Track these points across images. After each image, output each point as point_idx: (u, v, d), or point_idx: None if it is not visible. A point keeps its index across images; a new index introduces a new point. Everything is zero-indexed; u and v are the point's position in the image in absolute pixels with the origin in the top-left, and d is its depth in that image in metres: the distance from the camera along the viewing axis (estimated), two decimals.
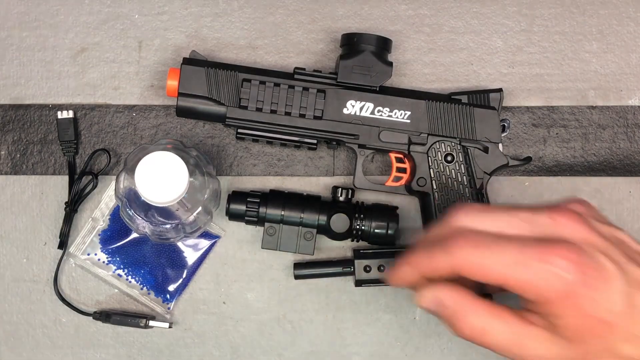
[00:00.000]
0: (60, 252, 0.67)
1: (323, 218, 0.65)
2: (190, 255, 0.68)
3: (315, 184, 0.69)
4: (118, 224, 0.68)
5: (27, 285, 0.68)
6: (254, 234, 0.68)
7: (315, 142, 0.66)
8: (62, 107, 0.69)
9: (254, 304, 0.68)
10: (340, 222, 0.65)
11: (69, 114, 0.68)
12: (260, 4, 0.70)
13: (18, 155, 0.69)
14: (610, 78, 0.70)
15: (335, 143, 0.66)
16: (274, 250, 0.65)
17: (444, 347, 0.68)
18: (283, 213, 0.65)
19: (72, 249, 0.68)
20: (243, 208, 0.65)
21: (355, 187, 0.67)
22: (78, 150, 0.69)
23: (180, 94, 0.65)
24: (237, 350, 0.68)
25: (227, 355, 0.68)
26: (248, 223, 0.66)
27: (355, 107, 0.66)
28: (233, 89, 0.65)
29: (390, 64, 0.66)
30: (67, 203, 0.67)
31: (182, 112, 0.66)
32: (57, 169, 0.69)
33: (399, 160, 0.67)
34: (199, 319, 0.68)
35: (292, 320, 0.69)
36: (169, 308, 0.68)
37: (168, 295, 0.68)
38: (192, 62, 0.66)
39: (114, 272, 0.68)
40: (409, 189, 0.66)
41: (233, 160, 0.69)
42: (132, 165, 0.59)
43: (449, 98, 0.67)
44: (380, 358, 0.68)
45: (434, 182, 0.65)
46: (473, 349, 0.68)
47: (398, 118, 0.66)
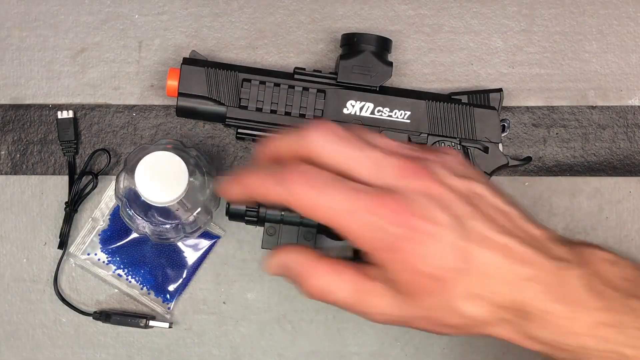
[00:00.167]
0: (60, 252, 0.67)
1: None
2: (190, 255, 0.68)
3: None
4: (118, 224, 0.68)
5: (27, 285, 0.68)
6: (254, 234, 0.68)
7: None
8: (62, 107, 0.69)
9: (254, 304, 0.68)
10: None
11: (69, 114, 0.68)
12: (260, 4, 0.70)
13: (18, 155, 0.69)
14: (610, 78, 0.70)
15: None
16: None
17: (444, 347, 0.68)
18: (283, 213, 0.65)
19: (72, 249, 0.68)
20: (243, 208, 0.65)
21: None
22: (78, 150, 0.69)
23: (180, 94, 0.65)
24: (237, 350, 0.68)
25: (227, 355, 0.68)
26: (248, 223, 0.66)
27: (355, 107, 0.65)
28: (233, 89, 0.65)
29: (390, 64, 0.66)
30: (67, 203, 0.67)
31: (182, 112, 0.66)
32: (57, 169, 0.69)
33: None
34: (199, 319, 0.68)
35: (292, 320, 0.69)
36: (169, 308, 0.68)
37: (168, 295, 0.68)
38: (192, 62, 0.66)
39: (114, 272, 0.68)
40: None
41: (233, 160, 0.69)
42: (132, 165, 0.59)
43: (449, 98, 0.67)
44: (380, 358, 0.68)
45: None
46: (473, 349, 0.68)
47: (398, 118, 0.66)
